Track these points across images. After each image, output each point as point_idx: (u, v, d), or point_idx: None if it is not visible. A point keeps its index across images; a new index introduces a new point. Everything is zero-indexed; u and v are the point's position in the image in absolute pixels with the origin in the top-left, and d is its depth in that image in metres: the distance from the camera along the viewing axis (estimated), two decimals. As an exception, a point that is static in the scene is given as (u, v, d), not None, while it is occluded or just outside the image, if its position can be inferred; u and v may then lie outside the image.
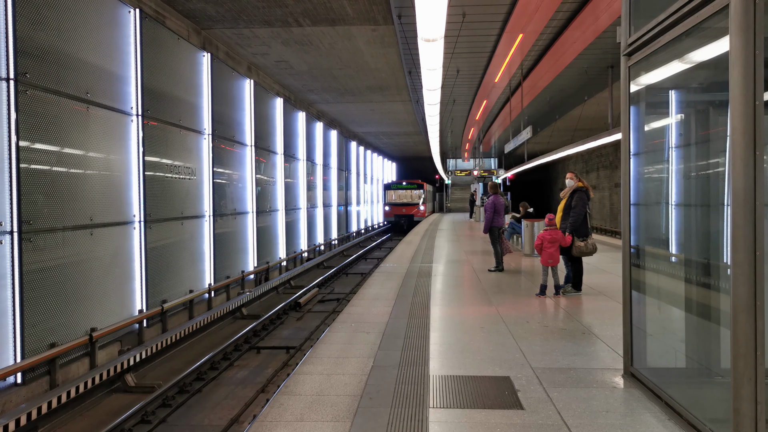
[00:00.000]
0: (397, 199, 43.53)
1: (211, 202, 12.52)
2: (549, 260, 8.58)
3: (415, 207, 41.70)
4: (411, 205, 41.77)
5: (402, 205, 41.92)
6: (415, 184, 43.06)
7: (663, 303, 4.76)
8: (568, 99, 24.45)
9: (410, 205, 41.77)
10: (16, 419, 6.19)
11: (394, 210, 41.97)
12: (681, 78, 4.52)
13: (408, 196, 45.37)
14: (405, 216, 41.32)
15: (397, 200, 43.12)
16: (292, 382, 4.97)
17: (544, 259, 8.64)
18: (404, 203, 42.14)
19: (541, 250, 8.64)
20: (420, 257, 14.43)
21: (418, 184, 43.12)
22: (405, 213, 41.51)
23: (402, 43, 14.38)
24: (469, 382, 4.87)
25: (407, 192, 44.55)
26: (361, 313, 7.80)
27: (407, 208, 41.65)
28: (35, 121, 7.23)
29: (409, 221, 40.79)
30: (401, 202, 42.37)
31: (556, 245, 8.53)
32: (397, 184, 43.55)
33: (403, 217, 41.37)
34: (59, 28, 7.75)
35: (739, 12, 3.08)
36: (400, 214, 41.59)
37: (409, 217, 41.22)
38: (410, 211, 41.54)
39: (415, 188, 42.83)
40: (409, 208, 41.63)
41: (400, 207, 41.72)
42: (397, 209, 41.79)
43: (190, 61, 11.85)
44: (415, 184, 43.14)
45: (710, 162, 4.20)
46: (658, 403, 4.27)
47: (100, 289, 8.56)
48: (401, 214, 41.53)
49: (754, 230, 3.03)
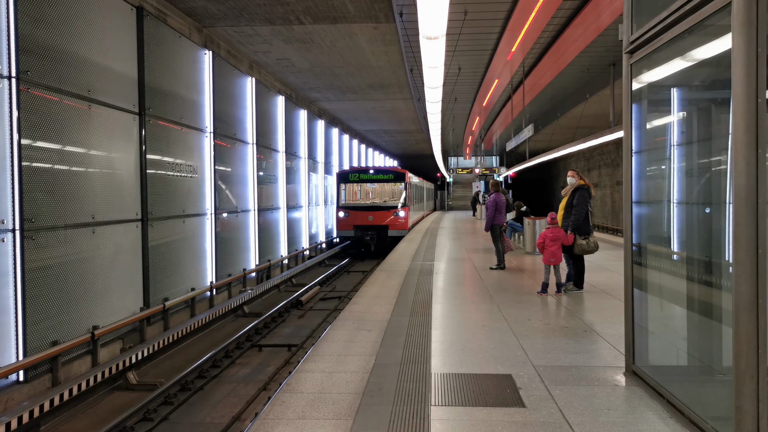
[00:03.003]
0: (360, 200, 27.84)
1: (213, 200, 12.52)
2: (551, 258, 8.57)
3: (390, 213, 23.98)
4: (384, 209, 24.32)
5: (368, 210, 24.30)
6: (391, 174, 26.55)
7: (665, 301, 4.76)
8: (570, 97, 24.43)
9: (383, 209, 24.23)
10: (18, 417, 6.20)
11: (353, 217, 24.01)
12: (683, 76, 4.52)
13: (380, 193, 30.36)
14: (373, 229, 23.71)
15: (360, 202, 27.29)
16: (294, 380, 4.98)
17: (546, 257, 8.62)
18: (372, 207, 24.90)
19: (543, 248, 8.63)
20: (421, 255, 14.43)
21: (397, 173, 26.37)
22: (373, 223, 23.76)
23: (403, 41, 14.37)
24: (471, 380, 4.87)
25: (379, 187, 29.47)
26: (362, 311, 7.81)
27: (377, 214, 23.95)
28: (37, 119, 7.24)
29: (379, 237, 23.64)
30: (366, 205, 25.60)
31: (558, 243, 8.52)
32: (360, 172, 25.83)
33: (369, 230, 23.67)
34: (61, 26, 7.75)
35: (741, 9, 3.07)
36: (364, 226, 23.74)
37: (380, 230, 23.72)
38: (382, 218, 23.86)
39: (390, 179, 26.35)
40: (381, 214, 23.97)
41: (364, 213, 24.03)
42: (360, 216, 23.95)
43: (191, 59, 11.85)
44: (392, 173, 26.58)
45: (712, 160, 4.19)
46: (659, 400, 4.27)
47: (102, 287, 8.57)
48: (367, 225, 23.75)
49: (756, 228, 3.02)
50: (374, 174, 26.02)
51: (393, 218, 23.59)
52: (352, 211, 23.90)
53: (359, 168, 26.41)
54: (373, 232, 23.44)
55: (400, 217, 23.76)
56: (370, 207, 24.70)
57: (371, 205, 25.47)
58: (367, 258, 23.80)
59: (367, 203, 26.86)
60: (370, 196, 30.83)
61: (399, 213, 23.82)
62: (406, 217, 24.15)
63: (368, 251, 24.13)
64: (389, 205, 24.56)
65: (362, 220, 23.62)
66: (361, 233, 23.52)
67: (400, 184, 26.47)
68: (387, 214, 23.73)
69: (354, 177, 25.37)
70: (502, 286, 9.67)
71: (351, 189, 26.78)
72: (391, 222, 23.57)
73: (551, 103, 26.17)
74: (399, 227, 23.58)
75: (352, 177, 25.31)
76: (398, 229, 23.52)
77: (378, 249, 23.54)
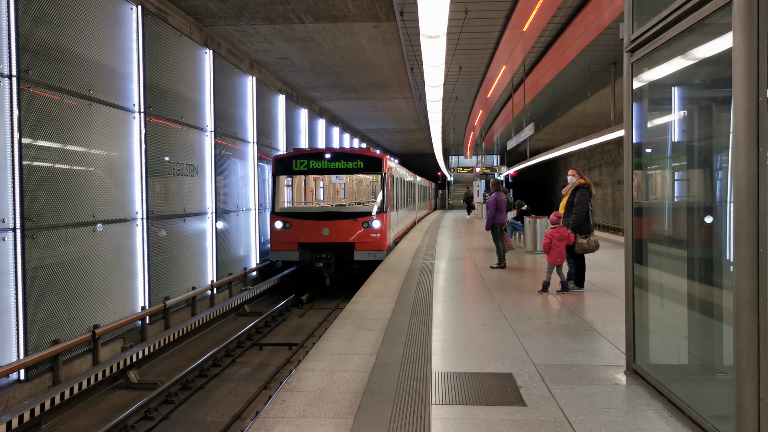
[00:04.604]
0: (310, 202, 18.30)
1: (214, 199, 12.52)
2: (558, 258, 8.49)
3: (358, 223, 14.63)
4: (348, 216, 14.95)
5: (321, 218, 14.85)
6: (360, 160, 15.85)
7: (665, 300, 4.76)
8: (571, 96, 24.40)
9: (346, 218, 14.87)
10: (19, 416, 6.21)
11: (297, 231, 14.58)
12: (684, 74, 4.51)
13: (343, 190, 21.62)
14: (329, 249, 14.63)
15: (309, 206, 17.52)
16: (295, 379, 4.98)
17: (553, 257, 8.49)
18: (328, 213, 15.37)
19: (550, 248, 8.49)
20: (422, 254, 14.43)
21: (370, 158, 15.93)
22: (329, 239, 14.52)
23: (404, 40, 14.35)
24: (472, 379, 4.87)
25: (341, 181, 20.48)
26: (363, 310, 7.81)
27: (337, 226, 14.67)
28: (37, 118, 7.24)
29: (340, 263, 14.88)
30: (318, 211, 16.08)
31: (564, 243, 8.44)
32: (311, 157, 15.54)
33: (324, 251, 14.63)
34: (61, 25, 7.75)
35: (742, 8, 3.06)
36: (315, 245, 14.59)
37: (341, 251, 14.66)
38: (345, 232, 14.62)
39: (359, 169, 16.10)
40: (343, 225, 14.69)
41: (314, 224, 14.65)
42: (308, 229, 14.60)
43: (192, 58, 11.85)
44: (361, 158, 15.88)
45: (713, 158, 4.19)
46: (660, 399, 4.27)
47: (103, 286, 8.57)
48: (319, 242, 14.53)
49: (757, 227, 3.02)
50: (333, 160, 15.30)
51: (363, 232, 14.26)
52: (297, 221, 14.37)
53: (309, 151, 15.99)
54: (329, 254, 14.23)
55: (374, 230, 14.32)
56: (326, 214, 14.93)
57: (327, 210, 15.59)
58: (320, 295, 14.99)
59: (321, 208, 16.62)
60: (325, 196, 20.39)
61: (373, 224, 14.33)
62: (384, 229, 14.60)
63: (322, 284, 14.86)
64: (357, 211, 15.16)
65: (312, 234, 14.22)
66: (311, 256, 14.30)
67: (376, 176, 17.15)
68: (353, 226, 14.32)
69: (300, 165, 15.10)
70: (503, 285, 9.67)
71: (296, 185, 17.37)
72: (359, 238, 14.24)
73: (552, 102, 26.14)
74: (372, 246, 14.25)
75: (297, 165, 15.09)
76: (370, 249, 14.22)
77: (338, 281, 15.11)
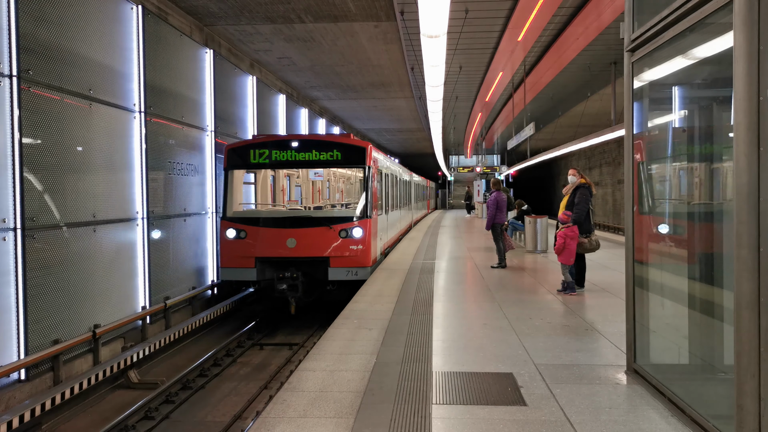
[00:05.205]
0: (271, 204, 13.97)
1: (214, 199, 12.52)
2: (570, 258, 8.37)
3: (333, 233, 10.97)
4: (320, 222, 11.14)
5: (285, 225, 11.09)
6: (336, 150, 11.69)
7: (666, 299, 4.75)
8: (571, 95, 24.39)
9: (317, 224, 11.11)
10: (20, 416, 6.21)
11: (254, 242, 11.02)
12: (684, 74, 4.51)
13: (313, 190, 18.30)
14: (296, 265, 10.90)
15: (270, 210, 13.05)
16: (295, 379, 4.98)
17: (566, 257, 8.33)
18: (295, 219, 11.33)
19: (563, 248, 8.30)
20: (423, 254, 14.43)
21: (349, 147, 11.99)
22: (295, 254, 10.86)
23: (405, 40, 14.35)
24: (472, 379, 4.87)
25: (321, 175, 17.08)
26: (363, 310, 7.81)
27: (306, 234, 10.97)
28: (38, 118, 7.24)
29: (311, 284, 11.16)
30: (282, 216, 11.71)
31: (575, 242, 8.35)
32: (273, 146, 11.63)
33: (288, 268, 10.87)
34: (62, 25, 7.74)
35: (743, 7, 3.06)
36: (277, 260, 10.97)
37: (311, 267, 11.01)
38: (317, 244, 10.94)
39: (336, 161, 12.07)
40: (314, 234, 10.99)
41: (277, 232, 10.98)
42: (268, 239, 10.97)
43: (192, 57, 11.85)
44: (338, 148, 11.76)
45: (714, 158, 4.18)
46: (661, 399, 4.27)
47: (104, 286, 8.57)
48: (283, 257, 10.90)
49: (758, 226, 3.02)
50: (302, 149, 11.64)
51: (340, 243, 10.96)
52: (254, 229, 11.10)
53: (271, 138, 12.51)
54: (294, 272, 10.85)
55: (355, 241, 11.03)
56: (292, 220, 11.32)
57: (293, 215, 11.74)
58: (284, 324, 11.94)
59: (286, 212, 12.54)
60: (304, 197, 16.91)
61: (353, 232, 11.07)
62: (368, 238, 11.23)
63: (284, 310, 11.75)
64: (333, 216, 11.67)
65: (274, 246, 10.95)
66: (272, 274, 11.05)
67: (358, 170, 14.47)
68: (327, 235, 10.99)
69: (260, 156, 11.61)
70: (503, 284, 9.67)
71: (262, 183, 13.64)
72: (335, 251, 10.94)
73: (552, 101, 26.12)
74: (351, 261, 10.98)
75: (255, 156, 11.61)
76: (349, 265, 10.97)
77: (306, 307, 12.08)
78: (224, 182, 11.73)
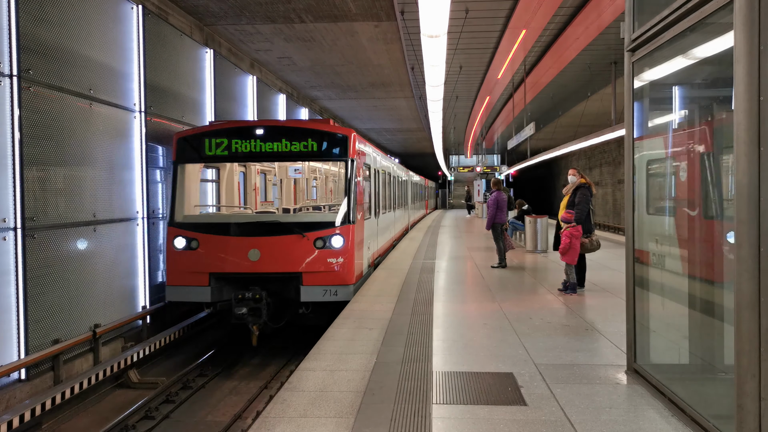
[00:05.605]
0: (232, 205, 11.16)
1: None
2: (575, 257, 8.34)
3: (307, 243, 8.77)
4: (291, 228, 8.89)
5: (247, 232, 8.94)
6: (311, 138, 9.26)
7: (666, 299, 4.76)
8: (572, 95, 24.39)
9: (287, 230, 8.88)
10: (20, 415, 6.21)
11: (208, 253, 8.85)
12: (685, 74, 4.51)
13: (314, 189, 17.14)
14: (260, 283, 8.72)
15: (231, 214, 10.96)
16: (296, 379, 4.98)
17: (571, 257, 8.31)
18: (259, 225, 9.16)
19: (569, 248, 8.27)
20: (423, 253, 14.43)
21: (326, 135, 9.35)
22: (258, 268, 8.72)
23: (405, 39, 14.35)
24: (472, 379, 4.87)
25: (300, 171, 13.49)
26: (363, 310, 7.81)
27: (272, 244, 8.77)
28: (38, 117, 7.24)
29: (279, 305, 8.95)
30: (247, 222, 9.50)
31: (579, 241, 8.35)
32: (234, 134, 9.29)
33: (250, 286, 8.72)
34: (62, 25, 7.74)
35: (743, 7, 3.06)
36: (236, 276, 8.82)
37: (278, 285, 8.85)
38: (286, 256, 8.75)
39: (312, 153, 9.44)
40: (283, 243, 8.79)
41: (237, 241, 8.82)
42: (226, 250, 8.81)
43: (192, 57, 11.85)
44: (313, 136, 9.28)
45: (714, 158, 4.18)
46: (661, 399, 4.27)
47: (104, 286, 8.57)
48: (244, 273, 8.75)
49: (758, 226, 3.02)
50: (269, 138, 9.46)
51: (316, 256, 8.91)
52: (208, 237, 9.06)
53: (229, 124, 10.01)
54: (258, 292, 8.77)
55: (335, 252, 8.96)
56: (255, 226, 9.28)
57: (257, 220, 9.65)
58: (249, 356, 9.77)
59: (248, 216, 10.62)
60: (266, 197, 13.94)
61: (331, 241, 8.97)
62: (350, 249, 9.14)
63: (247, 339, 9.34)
64: (306, 221, 9.74)
65: (233, 259, 8.90)
66: (230, 295, 8.96)
67: (339, 163, 13.24)
68: (299, 246, 8.90)
69: (217, 147, 9.45)
70: (504, 284, 9.67)
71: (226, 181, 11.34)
72: (309, 266, 8.89)
73: (552, 101, 26.12)
74: (329, 278, 8.90)
75: (212, 147, 9.45)
76: (327, 282, 8.88)
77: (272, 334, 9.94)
78: (173, 179, 9.51)
